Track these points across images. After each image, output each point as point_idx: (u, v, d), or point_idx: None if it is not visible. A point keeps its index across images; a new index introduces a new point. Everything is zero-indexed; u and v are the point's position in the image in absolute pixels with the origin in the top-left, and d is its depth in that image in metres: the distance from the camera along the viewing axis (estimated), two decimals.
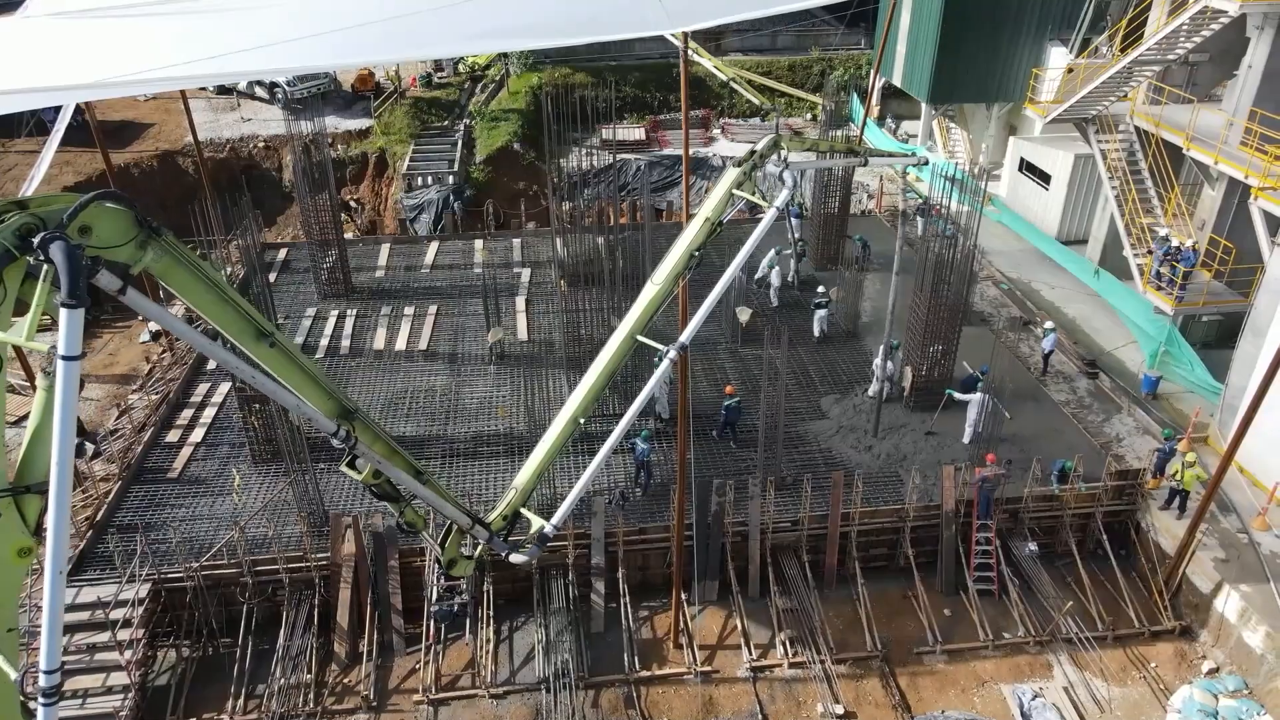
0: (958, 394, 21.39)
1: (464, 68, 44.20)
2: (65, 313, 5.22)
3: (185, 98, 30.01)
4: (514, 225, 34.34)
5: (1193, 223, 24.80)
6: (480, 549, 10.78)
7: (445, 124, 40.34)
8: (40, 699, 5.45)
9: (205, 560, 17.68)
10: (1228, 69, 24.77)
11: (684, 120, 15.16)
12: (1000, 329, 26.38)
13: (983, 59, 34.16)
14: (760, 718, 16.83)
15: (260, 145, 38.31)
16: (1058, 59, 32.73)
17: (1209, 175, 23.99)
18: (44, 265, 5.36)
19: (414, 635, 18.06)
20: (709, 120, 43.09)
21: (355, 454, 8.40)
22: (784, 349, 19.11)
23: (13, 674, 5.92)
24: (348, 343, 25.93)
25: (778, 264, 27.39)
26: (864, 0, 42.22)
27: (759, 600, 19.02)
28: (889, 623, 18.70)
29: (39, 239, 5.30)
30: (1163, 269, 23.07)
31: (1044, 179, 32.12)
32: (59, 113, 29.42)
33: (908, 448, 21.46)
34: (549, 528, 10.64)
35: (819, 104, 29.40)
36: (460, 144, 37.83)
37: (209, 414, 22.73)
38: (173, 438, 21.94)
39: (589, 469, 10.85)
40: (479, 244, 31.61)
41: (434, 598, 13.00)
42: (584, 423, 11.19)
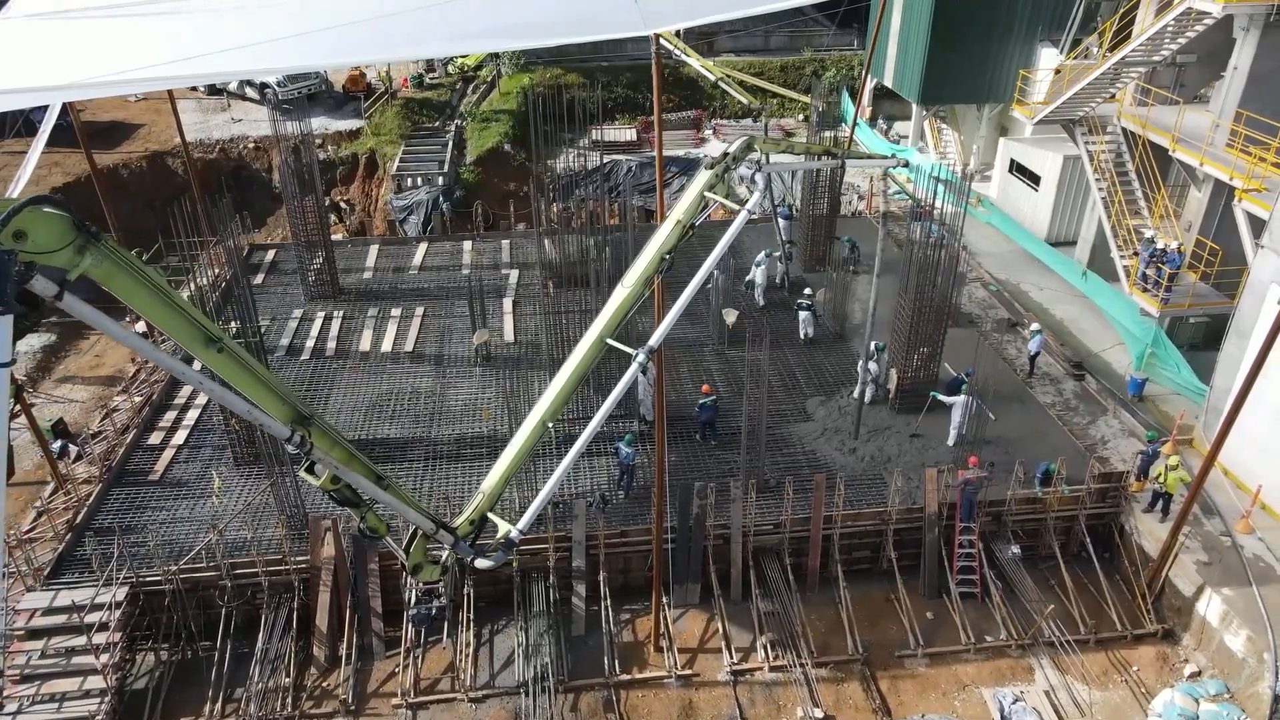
0: (942, 396, 21.34)
1: (454, 69, 44.15)
2: None
3: (172, 98, 29.94)
4: (503, 227, 34.29)
5: (1179, 224, 24.74)
6: (447, 554, 10.72)
7: (436, 125, 40.31)
8: None
9: (184, 563, 17.62)
10: (1215, 70, 24.69)
11: (657, 122, 15.08)
12: (987, 330, 26.33)
13: (973, 60, 34.09)
14: None
15: (250, 146, 38.28)
16: (1048, 60, 32.67)
17: (1195, 177, 23.93)
18: None
19: (394, 639, 18.00)
20: (701, 121, 43.06)
21: (312, 459, 8.33)
22: (765, 349, 19.02)
23: None
24: (333, 344, 25.87)
25: (764, 264, 27.33)
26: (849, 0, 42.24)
27: (741, 603, 18.96)
28: (871, 626, 18.64)
29: None
30: (1148, 271, 23.00)
31: (1034, 180, 32.07)
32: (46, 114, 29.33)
33: (892, 450, 21.40)
34: (515, 533, 10.58)
35: (813, 105, 29.20)
36: (451, 145, 37.78)
37: (192, 416, 22.67)
38: (155, 440, 21.87)
39: (556, 473, 10.80)
40: (468, 245, 31.56)
41: (412, 601, 12.89)
42: (553, 427, 11.15)
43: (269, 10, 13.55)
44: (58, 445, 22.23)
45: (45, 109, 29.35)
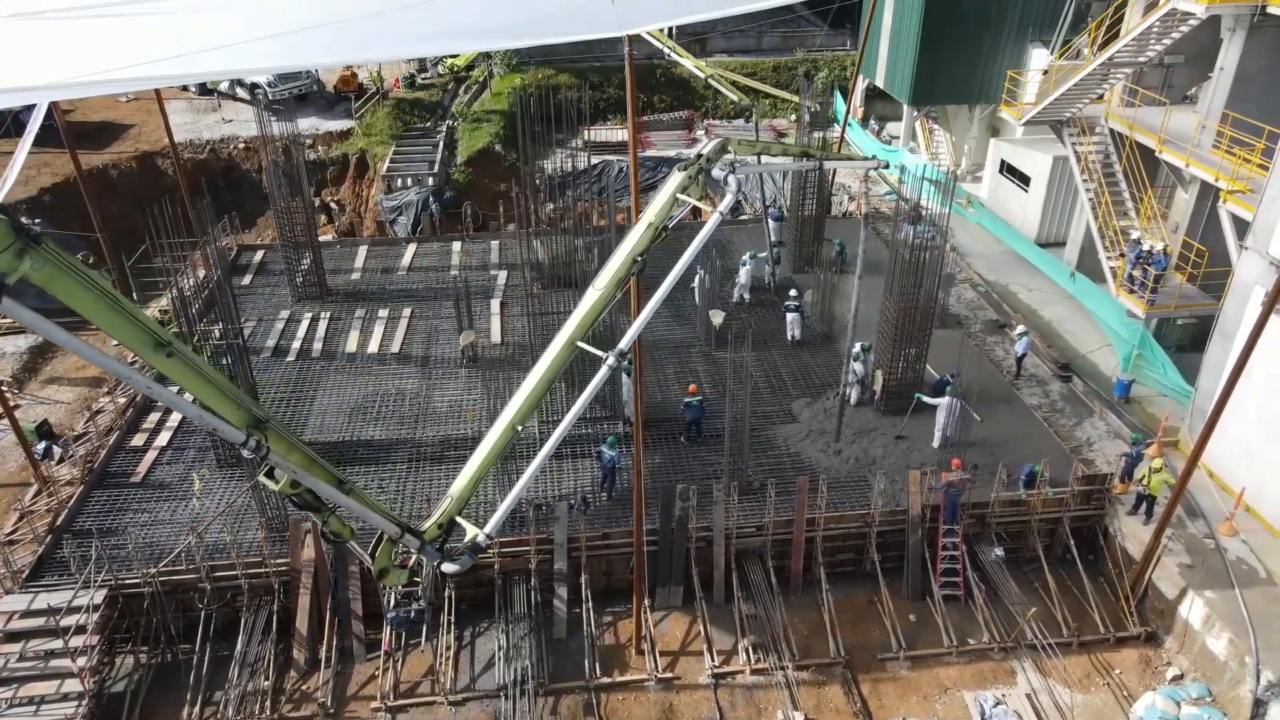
0: (927, 398, 21.29)
1: (444, 69, 44.10)
2: None
3: (160, 98, 29.86)
4: (492, 227, 34.24)
5: (1166, 226, 24.70)
6: (415, 558, 10.67)
7: (427, 125, 40.26)
8: None
9: (163, 566, 17.55)
10: (1203, 71, 24.64)
11: (630, 124, 15.05)
12: (976, 332, 26.28)
13: (964, 60, 34.07)
14: None
15: (241, 146, 38.20)
16: (1039, 61, 32.64)
17: (1182, 178, 23.89)
18: None
19: (374, 641, 17.94)
20: (693, 121, 43.00)
21: (270, 464, 8.27)
22: (748, 350, 18.97)
23: None
24: (320, 345, 25.81)
25: (749, 265, 27.33)
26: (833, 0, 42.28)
27: (723, 606, 18.89)
28: (854, 628, 18.58)
29: None
30: (1135, 272, 22.95)
31: (1024, 181, 32.03)
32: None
33: (877, 452, 21.34)
34: (482, 536, 10.53)
35: (802, 105, 29.12)
36: (442, 145, 37.74)
37: (176, 417, 22.60)
38: (139, 441, 21.81)
39: (524, 476, 10.76)
40: (457, 246, 31.51)
41: (391, 604, 12.83)
42: (523, 430, 11.10)
43: (240, 11, 13.55)
44: (42, 446, 22.18)
45: (34, 109, 29.30)
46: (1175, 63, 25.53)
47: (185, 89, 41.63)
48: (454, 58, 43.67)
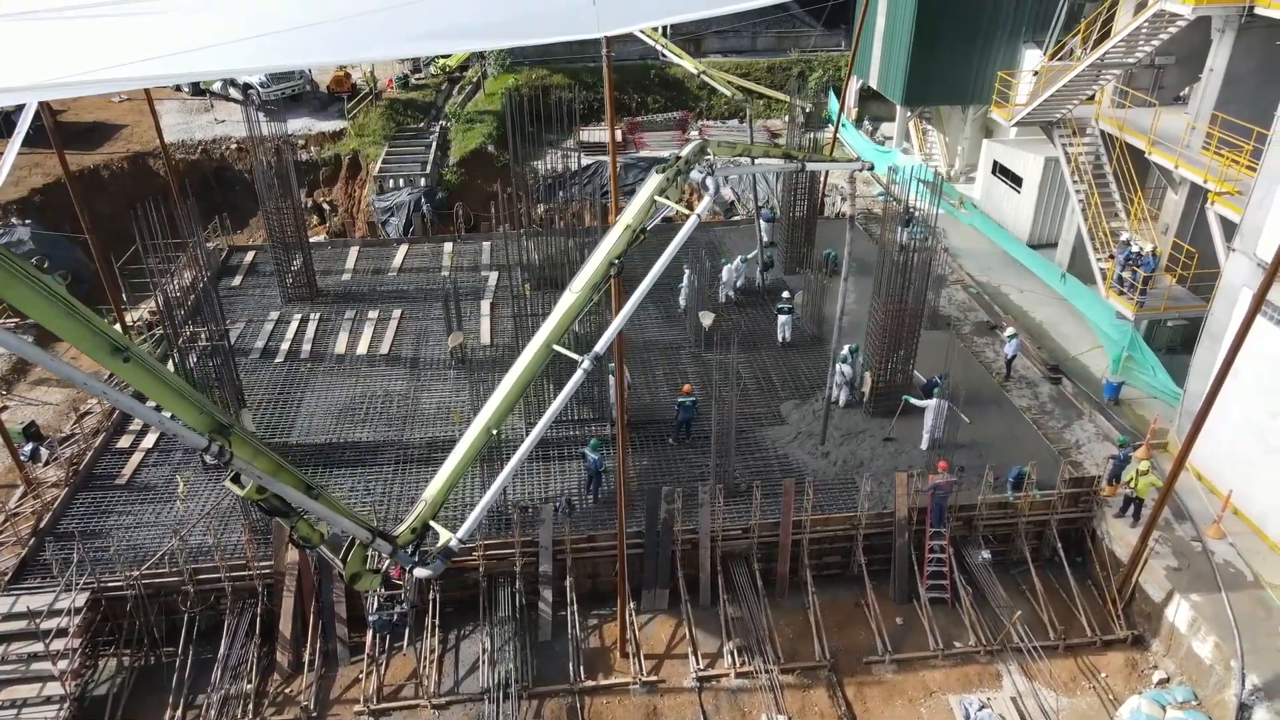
0: (915, 400, 21.23)
1: (437, 69, 44.06)
2: None
3: (150, 98, 29.77)
4: (484, 228, 34.19)
5: (1156, 227, 24.64)
6: (387, 564, 10.61)
7: (420, 126, 40.21)
8: None
9: (145, 568, 17.49)
10: (1194, 72, 24.56)
11: (609, 123, 14.99)
12: (966, 333, 26.21)
13: (957, 61, 33.99)
14: None
15: (233, 147, 38.15)
16: (1032, 61, 32.56)
17: (1171, 179, 23.82)
18: None
19: (359, 644, 17.87)
20: (687, 122, 42.96)
21: (235, 469, 8.22)
22: (734, 351, 18.92)
23: None
24: (309, 347, 25.75)
25: (741, 268, 27.31)
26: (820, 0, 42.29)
27: (710, 608, 18.83)
28: (840, 631, 18.51)
29: None
30: (1124, 274, 22.89)
31: (1016, 182, 31.96)
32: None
33: (865, 454, 21.29)
34: (455, 541, 10.46)
35: (793, 105, 29.05)
36: (435, 146, 37.69)
37: None
38: (125, 443, 21.76)
39: (498, 479, 10.70)
40: (448, 247, 31.44)
41: (374, 607, 12.77)
42: (497, 433, 11.04)
43: (226, 11, 13.50)
44: (29, 449, 22.12)
45: (23, 109, 29.21)
46: (1166, 64, 25.49)
47: (178, 89, 41.61)
48: (445, 58, 43.62)
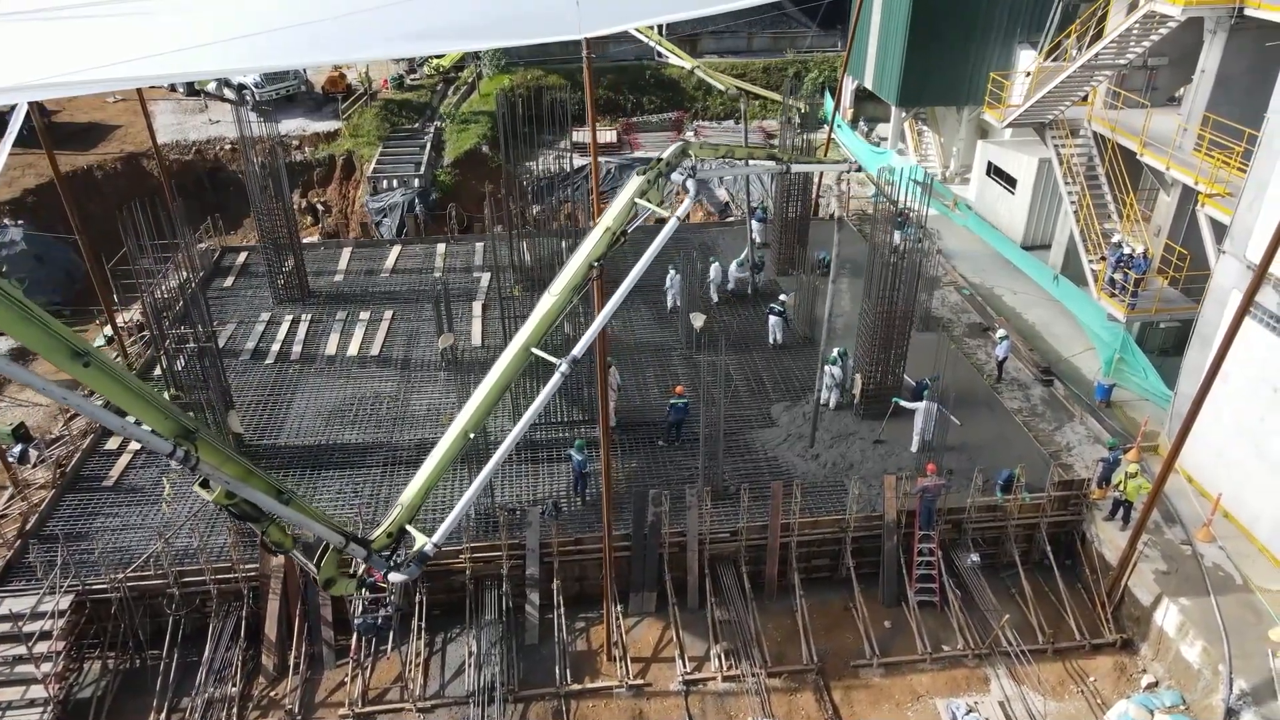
0: (905, 402, 21.16)
1: (431, 69, 44.01)
2: None
3: (142, 98, 29.75)
4: (477, 229, 34.11)
5: (1149, 229, 24.55)
6: (362, 569, 10.56)
7: (415, 126, 40.17)
8: None
9: (130, 571, 17.44)
10: (1187, 73, 24.49)
11: (590, 124, 14.93)
12: (958, 335, 26.13)
13: (952, 61, 33.93)
14: None
15: (227, 147, 38.10)
16: (1027, 62, 32.49)
17: (1164, 181, 23.74)
18: None
19: (344, 647, 17.79)
20: (682, 122, 42.90)
21: (203, 475, 8.16)
22: (722, 352, 18.85)
23: None
24: (299, 348, 25.69)
25: (733, 269, 27.24)
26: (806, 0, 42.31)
27: (697, 611, 18.77)
28: (828, 635, 18.45)
29: None
30: (1116, 276, 22.81)
31: (1010, 183, 31.90)
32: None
33: (855, 456, 21.21)
34: (430, 546, 10.41)
35: (787, 106, 28.96)
36: (429, 146, 37.65)
37: None
38: (112, 445, 21.69)
39: (475, 483, 10.64)
40: (441, 248, 31.37)
41: (358, 610, 12.74)
42: (474, 437, 11.00)
43: (214, 12, 13.46)
44: (18, 450, 22.07)
45: (14, 109, 29.18)
46: (1159, 65, 25.40)
47: (173, 89, 41.58)
48: (439, 58, 43.58)
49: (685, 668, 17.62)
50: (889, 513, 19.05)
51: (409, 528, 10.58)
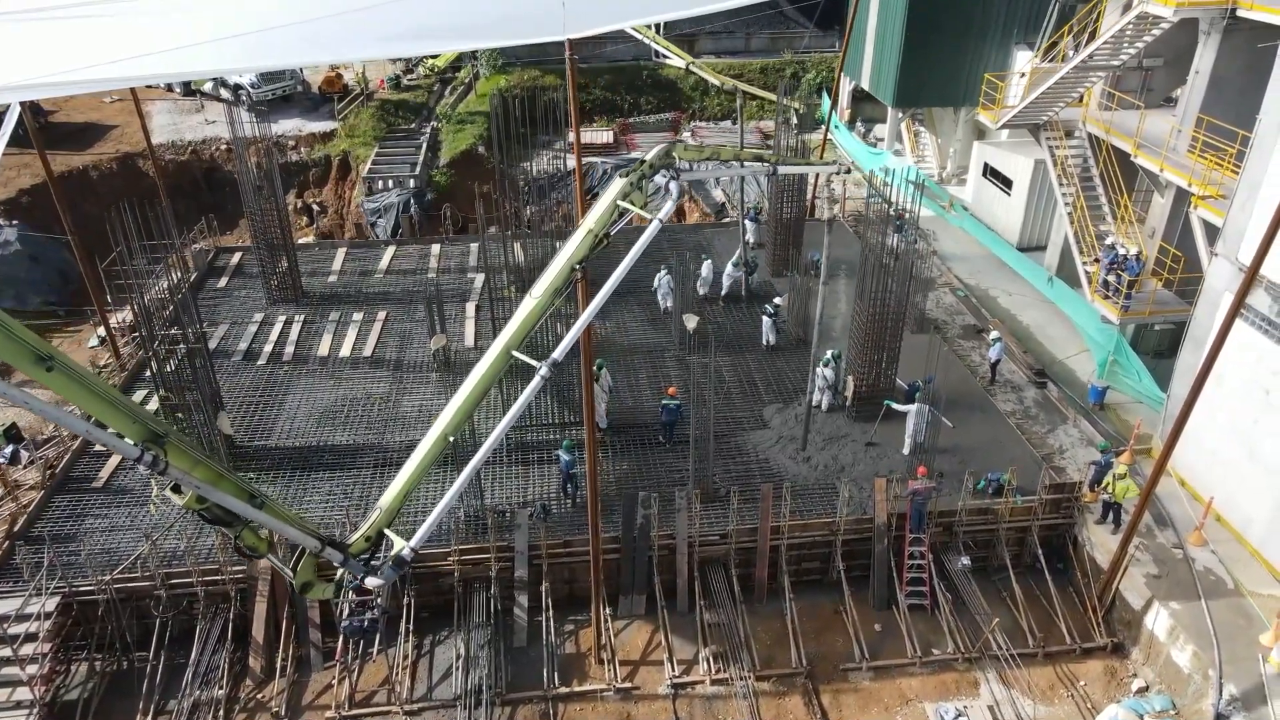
0: (896, 404, 21.08)
1: (427, 69, 43.97)
2: None
3: (137, 98, 29.71)
4: (472, 230, 34.04)
5: (1143, 230, 24.46)
6: (341, 573, 10.50)
7: (411, 127, 40.11)
8: None
9: (118, 573, 17.39)
10: (1182, 74, 24.38)
11: (574, 125, 14.86)
12: (951, 337, 26.04)
13: (949, 62, 33.85)
14: None
15: (223, 147, 38.06)
16: (1024, 62, 32.40)
17: (1158, 183, 23.64)
18: None
19: (332, 650, 17.74)
20: (679, 123, 42.83)
21: (172, 479, 8.11)
22: (713, 354, 18.78)
23: None
24: (292, 349, 25.65)
25: (733, 273, 27.21)
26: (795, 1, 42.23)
27: (687, 614, 18.69)
28: (818, 638, 18.37)
29: None
30: (1109, 277, 22.72)
31: (1006, 184, 31.80)
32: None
33: (847, 459, 21.13)
34: (408, 550, 10.35)
35: (785, 106, 28.86)
36: (425, 147, 37.59)
37: None
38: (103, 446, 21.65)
39: (453, 487, 10.58)
40: (435, 249, 31.31)
41: (345, 612, 12.66)
42: (453, 440, 10.94)
43: (203, 13, 13.42)
44: (9, 451, 22.04)
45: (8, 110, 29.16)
46: (1154, 66, 25.31)
47: (169, 89, 41.56)
48: (434, 58, 43.53)
49: (674, 671, 17.56)
50: (880, 516, 18.97)
51: (387, 531, 10.53)
